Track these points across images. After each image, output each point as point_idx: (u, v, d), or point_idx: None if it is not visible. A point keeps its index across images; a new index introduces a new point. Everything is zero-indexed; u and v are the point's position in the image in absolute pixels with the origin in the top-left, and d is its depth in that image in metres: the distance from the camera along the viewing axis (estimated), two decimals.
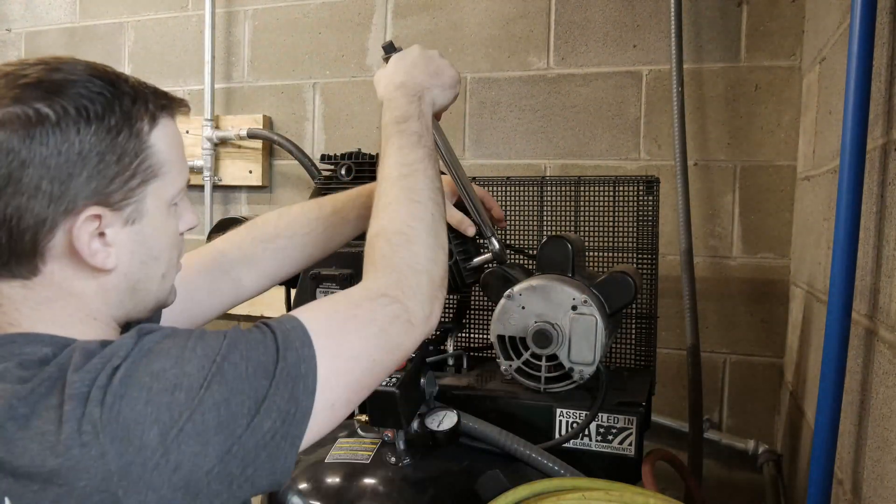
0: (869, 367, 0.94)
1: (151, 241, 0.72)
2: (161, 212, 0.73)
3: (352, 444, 1.15)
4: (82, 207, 0.66)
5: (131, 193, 0.69)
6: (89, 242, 0.67)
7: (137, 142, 0.69)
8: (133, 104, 0.69)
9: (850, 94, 0.91)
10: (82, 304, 0.70)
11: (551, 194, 1.48)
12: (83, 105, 0.65)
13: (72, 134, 0.64)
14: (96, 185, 0.66)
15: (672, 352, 1.87)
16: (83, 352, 0.63)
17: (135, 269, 0.72)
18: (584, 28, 1.95)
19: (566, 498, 0.94)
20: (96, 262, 0.68)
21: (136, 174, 0.69)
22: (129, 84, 0.70)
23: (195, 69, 2.34)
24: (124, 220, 0.69)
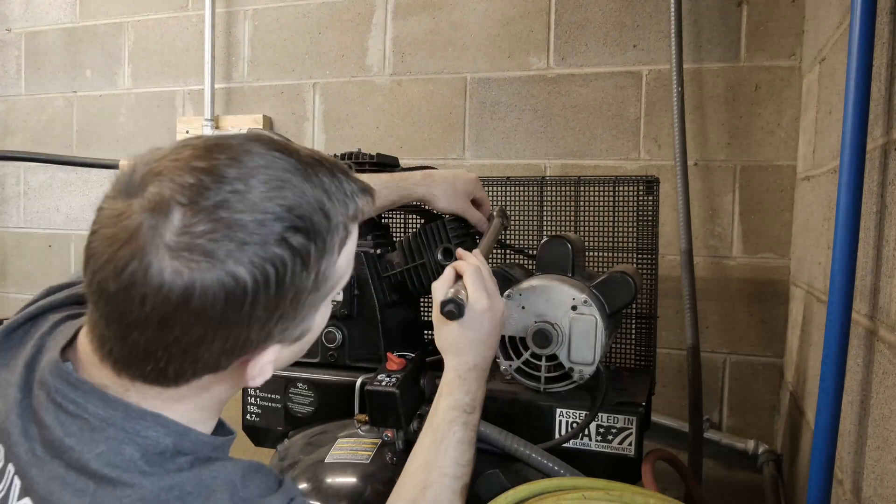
0: (869, 367, 0.94)
1: (308, 343, 0.70)
2: (324, 314, 0.69)
3: (352, 444, 1.15)
4: (263, 349, 0.62)
5: (309, 319, 0.65)
6: (260, 371, 0.64)
7: (324, 276, 0.63)
8: (328, 234, 0.61)
9: (850, 94, 0.91)
10: (213, 398, 0.67)
11: (551, 194, 1.48)
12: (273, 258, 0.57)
13: (261, 298, 0.58)
14: (281, 326, 0.61)
15: (672, 352, 1.87)
16: (229, 489, 0.61)
17: (283, 367, 0.70)
18: (583, 28, 1.95)
19: (566, 498, 0.94)
20: (255, 384, 0.65)
21: (316, 302, 0.64)
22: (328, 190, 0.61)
23: (195, 69, 2.34)
24: (293, 341, 0.66)
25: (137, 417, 0.62)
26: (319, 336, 1.30)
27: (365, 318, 1.32)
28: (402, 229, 1.60)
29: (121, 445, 0.60)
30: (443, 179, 1.19)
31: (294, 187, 0.59)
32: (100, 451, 0.60)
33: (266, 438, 1.37)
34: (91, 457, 0.59)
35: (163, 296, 0.55)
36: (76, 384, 0.62)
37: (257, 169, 0.59)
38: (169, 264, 0.55)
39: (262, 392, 1.35)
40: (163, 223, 0.55)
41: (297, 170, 0.61)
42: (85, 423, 0.61)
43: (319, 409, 1.30)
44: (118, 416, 0.61)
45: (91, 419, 0.61)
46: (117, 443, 0.60)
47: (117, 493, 0.58)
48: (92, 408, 0.62)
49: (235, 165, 0.58)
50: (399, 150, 2.08)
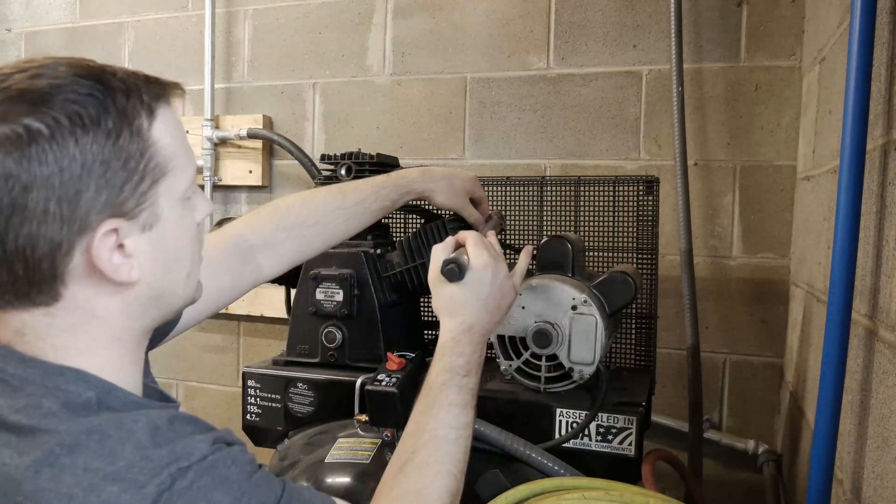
0: (869, 367, 0.94)
1: (172, 240, 0.68)
2: (176, 209, 0.68)
3: (352, 443, 1.15)
4: (97, 223, 0.62)
5: (144, 198, 0.64)
6: (110, 258, 0.63)
7: (139, 141, 0.64)
8: (127, 99, 0.64)
9: (850, 94, 0.91)
10: (106, 326, 0.67)
11: (551, 194, 1.48)
12: (75, 111, 0.60)
13: (70, 146, 0.59)
14: (107, 196, 0.62)
15: (672, 352, 1.87)
16: (151, 428, 0.61)
17: (159, 276, 0.68)
18: (584, 28, 1.95)
19: (566, 498, 0.94)
20: (120, 277, 0.64)
21: (144, 176, 0.64)
22: (118, 77, 0.65)
23: (195, 69, 2.34)
24: (141, 227, 0.65)
25: (56, 373, 0.63)
26: (320, 338, 1.32)
27: (365, 318, 1.32)
28: (402, 229, 1.60)
29: (40, 399, 0.61)
30: (442, 175, 1.19)
31: (87, 66, 0.64)
32: (19, 405, 0.61)
33: (266, 438, 1.37)
34: (9, 412, 0.61)
35: None
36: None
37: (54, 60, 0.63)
38: None
39: (262, 392, 1.35)
40: None
41: (92, 62, 0.66)
42: (6, 385, 0.63)
43: (319, 409, 1.30)
44: (36, 373, 0.63)
45: (10, 380, 0.63)
46: (36, 397, 0.62)
47: (37, 440, 0.59)
48: (10, 369, 0.63)
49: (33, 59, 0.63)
50: (399, 150, 2.08)
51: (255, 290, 1.05)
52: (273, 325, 2.28)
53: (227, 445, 0.65)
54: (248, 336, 2.34)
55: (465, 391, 0.88)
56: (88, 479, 0.57)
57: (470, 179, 1.22)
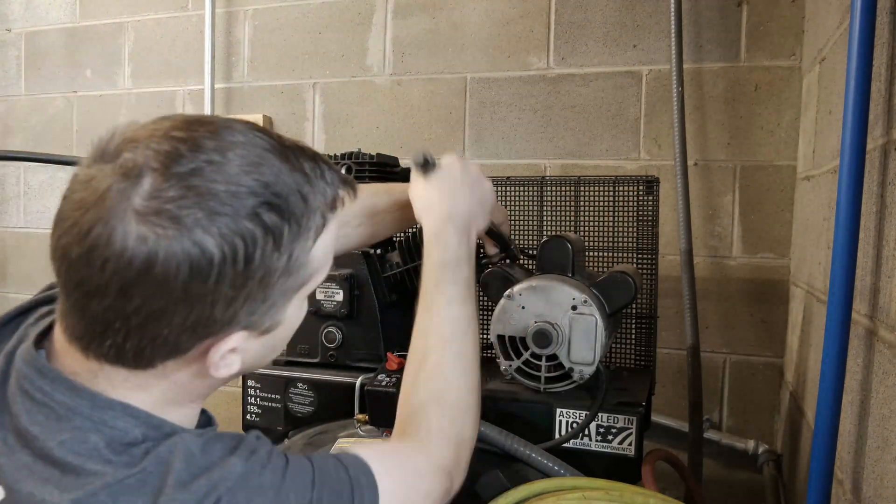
0: (869, 367, 0.94)
1: (281, 339, 0.66)
2: (297, 308, 0.65)
3: (352, 444, 1.15)
4: (225, 334, 0.59)
5: (279, 308, 0.62)
6: (220, 359, 0.61)
7: (298, 263, 0.60)
8: (307, 209, 0.59)
9: (850, 94, 0.91)
10: (183, 391, 0.64)
11: (551, 194, 1.48)
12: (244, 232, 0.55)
13: (228, 271, 0.55)
14: (247, 310, 0.59)
15: (672, 352, 1.87)
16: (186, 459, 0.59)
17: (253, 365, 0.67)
18: (584, 28, 1.95)
19: (566, 498, 0.94)
20: (220, 374, 0.62)
21: (291, 290, 0.62)
22: (307, 175, 0.60)
23: (195, 69, 2.34)
24: (261, 332, 0.63)
25: (104, 407, 0.60)
26: (320, 338, 1.32)
27: (365, 318, 1.32)
28: None
29: (86, 434, 0.59)
30: None
31: (272, 166, 0.58)
32: (63, 439, 0.58)
33: None
34: (54, 444, 0.58)
35: (125, 261, 0.53)
36: (44, 371, 0.61)
37: (237, 144, 0.57)
38: (134, 229, 0.53)
39: (262, 392, 1.35)
40: (132, 187, 0.54)
41: (277, 150, 0.60)
42: (51, 412, 0.60)
43: (319, 409, 1.30)
44: (84, 404, 0.60)
45: (57, 407, 0.60)
46: (82, 432, 0.59)
47: (80, 480, 0.57)
48: (59, 396, 0.60)
49: (214, 138, 0.57)
50: (399, 150, 2.08)
51: None
52: None
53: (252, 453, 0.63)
54: None
55: (459, 284, 0.86)
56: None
57: None
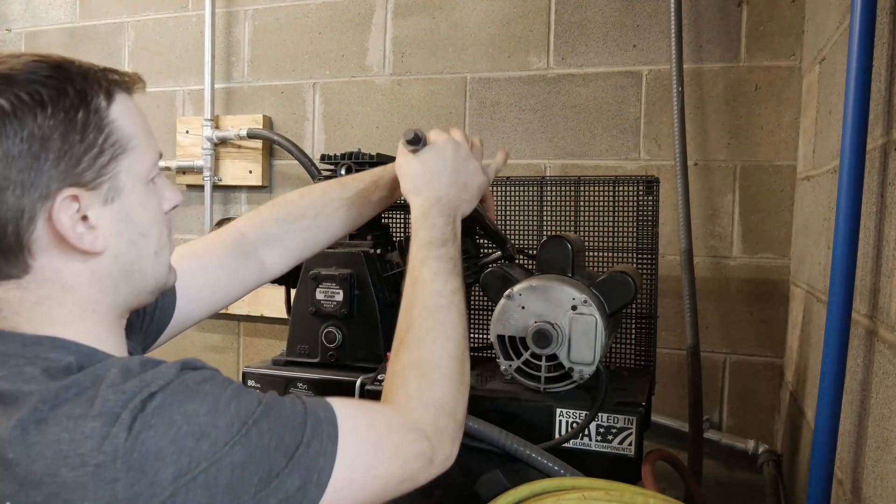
0: (869, 367, 0.94)
1: (136, 217, 0.71)
2: (139, 187, 0.72)
3: None
4: (56, 191, 0.65)
5: (103, 171, 0.68)
6: (73, 226, 0.66)
7: (97, 118, 0.68)
8: (85, 81, 0.68)
9: (850, 94, 0.91)
10: (78, 297, 0.69)
11: (551, 194, 1.48)
12: (35, 90, 0.64)
13: (29, 120, 0.63)
14: (65, 166, 0.65)
15: (672, 352, 1.87)
16: (122, 369, 0.63)
17: (125, 249, 0.71)
18: (584, 28, 1.95)
19: (566, 498, 0.94)
20: (84, 245, 0.67)
21: (103, 150, 0.68)
22: (77, 65, 0.70)
23: (195, 69, 2.34)
24: (103, 200, 0.68)
25: (33, 343, 0.66)
26: (320, 338, 1.32)
27: (365, 318, 1.32)
28: (402, 229, 1.60)
29: (21, 367, 0.64)
30: None
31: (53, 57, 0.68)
32: (1, 375, 0.64)
33: None
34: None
35: None
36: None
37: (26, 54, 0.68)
38: None
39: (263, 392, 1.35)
40: None
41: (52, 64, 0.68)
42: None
43: None
44: (15, 346, 0.66)
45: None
46: (18, 367, 0.64)
47: (20, 402, 0.61)
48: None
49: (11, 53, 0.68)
50: None
51: (255, 290, 1.04)
52: (273, 325, 2.28)
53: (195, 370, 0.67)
54: (248, 336, 2.35)
55: (444, 260, 0.88)
56: (72, 424, 0.59)
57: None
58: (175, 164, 2.31)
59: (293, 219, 1.05)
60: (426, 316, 0.84)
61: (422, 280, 0.87)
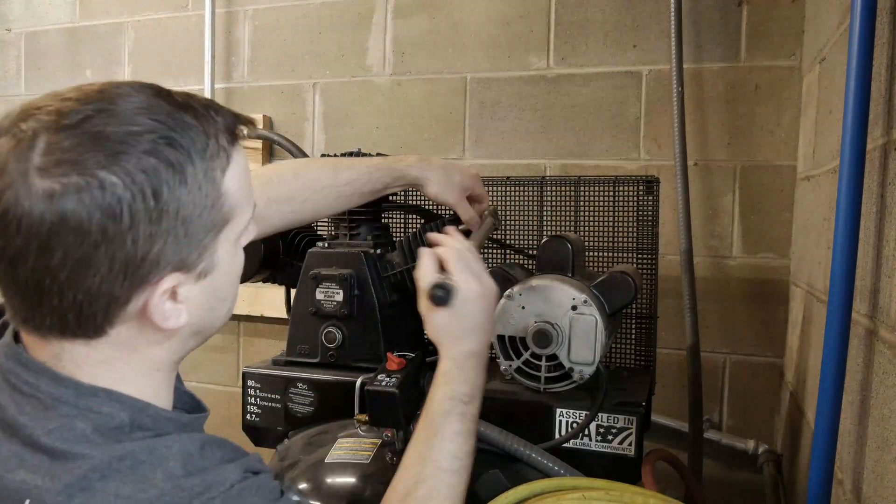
0: (869, 367, 0.94)
1: (222, 286, 0.68)
2: (230, 253, 0.67)
3: (352, 444, 1.15)
4: (160, 279, 0.60)
5: (206, 250, 0.63)
6: (163, 308, 0.62)
7: (215, 191, 0.62)
8: (206, 141, 0.61)
9: (850, 94, 0.91)
10: (146, 360, 0.66)
11: (551, 194, 1.48)
12: (152, 166, 0.57)
13: (148, 203, 0.57)
14: (177, 251, 0.60)
15: (672, 352, 1.87)
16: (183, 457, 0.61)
17: (203, 317, 0.68)
18: (584, 28, 1.95)
19: (566, 498, 0.94)
20: (169, 325, 0.63)
21: (211, 229, 0.63)
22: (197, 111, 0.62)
23: (195, 69, 2.34)
24: (196, 276, 0.64)
25: (89, 394, 0.62)
26: (320, 338, 1.32)
27: (365, 318, 1.32)
28: (402, 229, 1.60)
29: (73, 421, 0.60)
30: (439, 166, 1.16)
31: (163, 107, 0.60)
32: (52, 427, 0.60)
33: (266, 438, 1.37)
34: (42, 433, 0.59)
35: (37, 217, 0.55)
36: (28, 364, 0.63)
37: (124, 93, 0.59)
38: (39, 184, 0.55)
39: (262, 392, 1.35)
40: (29, 149, 0.55)
41: (165, 95, 0.61)
42: (38, 403, 0.62)
43: (319, 409, 1.30)
44: (69, 393, 0.62)
45: (43, 398, 0.62)
46: (69, 419, 0.60)
47: (69, 465, 0.58)
48: (44, 386, 0.62)
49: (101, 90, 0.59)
50: (399, 150, 2.08)
51: (256, 290, 1.04)
52: (273, 325, 2.28)
53: (255, 474, 0.65)
54: (248, 336, 2.34)
55: (468, 419, 0.86)
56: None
57: (470, 176, 1.19)
58: None
59: (283, 200, 1.05)
60: (437, 479, 0.81)
61: (440, 436, 0.83)
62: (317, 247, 1.37)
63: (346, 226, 1.37)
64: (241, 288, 1.29)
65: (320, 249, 1.35)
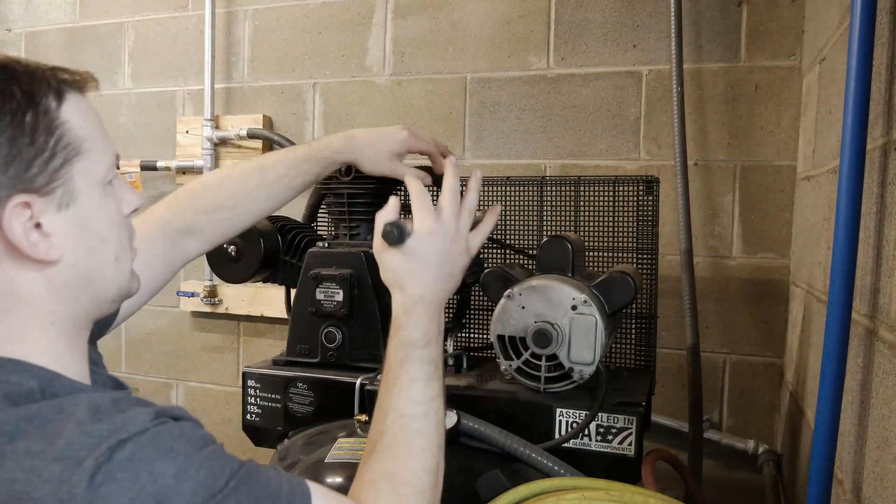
0: (869, 367, 0.94)
1: (93, 222, 0.68)
2: (95, 191, 0.68)
3: (352, 443, 1.15)
4: (6, 198, 0.62)
5: (56, 175, 0.65)
6: (26, 234, 0.63)
7: (47, 119, 0.65)
8: (33, 82, 0.65)
9: (850, 94, 0.91)
10: (35, 309, 0.66)
11: (551, 194, 1.48)
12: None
13: None
14: (14, 171, 0.62)
15: (672, 352, 1.87)
16: (91, 407, 0.60)
17: (82, 257, 0.67)
18: (584, 28, 1.95)
19: (566, 498, 0.94)
20: (38, 254, 0.64)
21: (55, 153, 0.65)
22: (24, 64, 0.66)
23: (195, 69, 2.34)
24: (57, 206, 0.65)
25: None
26: (320, 338, 1.32)
27: (365, 318, 1.32)
28: None
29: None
30: (365, 142, 1.11)
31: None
32: None
33: (266, 438, 1.37)
34: None
35: None
36: None
37: None
38: None
39: (262, 392, 1.35)
40: None
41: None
42: None
43: (319, 409, 1.30)
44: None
45: None
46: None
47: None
48: None
49: None
50: None
51: (256, 290, 1.04)
52: (273, 325, 2.28)
53: (175, 420, 0.63)
54: (248, 336, 2.34)
55: (426, 363, 0.82)
56: (30, 462, 0.56)
57: (399, 141, 1.12)
58: (175, 164, 2.31)
59: (212, 209, 1.04)
60: (402, 425, 0.79)
61: (399, 384, 0.81)
62: (317, 247, 1.37)
63: (346, 226, 1.37)
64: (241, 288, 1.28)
65: (320, 249, 1.35)
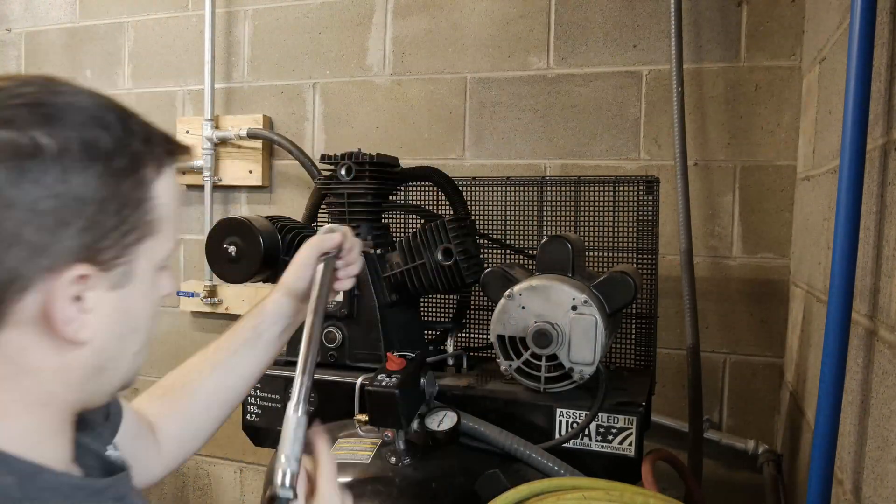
0: (869, 367, 0.94)
1: (135, 309, 0.61)
2: (149, 276, 0.62)
3: (352, 443, 1.15)
4: (65, 265, 0.54)
5: (125, 252, 0.58)
6: (65, 307, 0.55)
7: (142, 191, 0.58)
8: (143, 145, 0.59)
9: (850, 94, 0.91)
10: (34, 387, 0.58)
11: (551, 194, 1.48)
12: (90, 138, 0.54)
13: (74, 174, 0.53)
14: (89, 238, 0.54)
15: (672, 352, 1.87)
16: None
17: (109, 345, 0.60)
18: (584, 28, 1.95)
19: (566, 498, 0.94)
20: (67, 333, 0.55)
21: (134, 229, 0.58)
22: (139, 122, 0.60)
23: (195, 69, 2.34)
24: (111, 284, 0.58)
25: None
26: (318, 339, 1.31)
27: (365, 318, 1.32)
28: (402, 229, 1.60)
29: None
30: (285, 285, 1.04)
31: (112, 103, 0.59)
32: None
33: (266, 438, 1.37)
34: None
35: None
36: None
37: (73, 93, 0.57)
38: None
39: (262, 392, 1.35)
40: None
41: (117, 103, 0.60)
42: None
43: (319, 409, 1.30)
44: None
45: None
46: None
47: None
48: None
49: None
50: (399, 150, 2.08)
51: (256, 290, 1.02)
52: None
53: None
54: None
55: None
56: None
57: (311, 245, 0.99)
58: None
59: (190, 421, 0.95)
60: None
61: None
62: None
63: (346, 226, 1.37)
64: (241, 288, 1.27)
65: None
